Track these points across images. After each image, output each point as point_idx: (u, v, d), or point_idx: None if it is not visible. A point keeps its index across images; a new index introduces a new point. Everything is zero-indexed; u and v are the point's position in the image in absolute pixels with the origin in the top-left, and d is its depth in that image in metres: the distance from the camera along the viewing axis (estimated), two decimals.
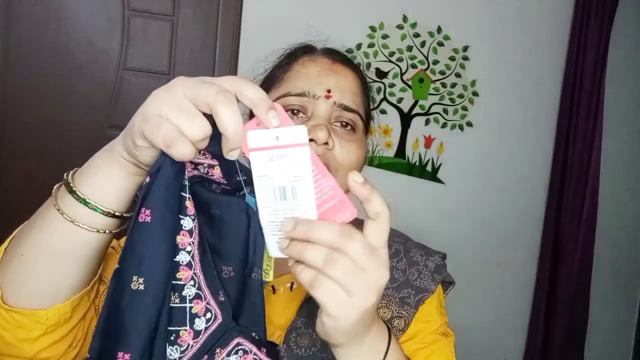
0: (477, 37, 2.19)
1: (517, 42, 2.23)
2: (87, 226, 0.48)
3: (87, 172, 0.49)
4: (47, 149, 1.85)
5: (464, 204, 2.27)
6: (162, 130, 0.40)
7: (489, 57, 2.21)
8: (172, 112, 0.41)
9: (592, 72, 2.21)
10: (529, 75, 2.27)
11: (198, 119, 0.41)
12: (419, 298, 0.70)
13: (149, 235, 0.43)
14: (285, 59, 0.76)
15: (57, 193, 0.49)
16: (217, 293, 0.49)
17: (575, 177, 2.26)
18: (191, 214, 0.47)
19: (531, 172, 2.33)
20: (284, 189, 0.42)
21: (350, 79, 0.73)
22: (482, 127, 2.25)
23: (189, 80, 0.42)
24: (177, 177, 0.45)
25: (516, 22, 2.22)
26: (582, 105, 2.22)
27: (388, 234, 0.43)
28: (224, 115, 0.39)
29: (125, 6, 1.87)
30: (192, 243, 0.47)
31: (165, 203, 0.44)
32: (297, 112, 0.69)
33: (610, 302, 2.46)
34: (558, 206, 2.28)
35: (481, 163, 2.27)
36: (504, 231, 2.32)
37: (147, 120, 0.41)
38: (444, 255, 0.77)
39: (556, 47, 2.27)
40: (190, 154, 0.41)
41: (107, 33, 1.87)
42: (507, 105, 2.26)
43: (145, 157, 0.45)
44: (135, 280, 0.43)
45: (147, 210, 0.43)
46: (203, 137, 0.41)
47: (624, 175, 2.43)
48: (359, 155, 0.70)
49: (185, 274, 0.47)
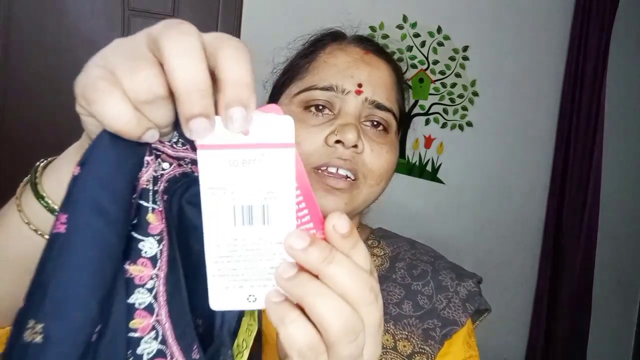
0: (477, 37, 2.18)
1: (517, 42, 2.23)
2: (44, 233, 0.36)
3: (56, 163, 0.38)
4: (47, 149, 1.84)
5: (464, 204, 2.27)
6: (86, 75, 0.27)
7: (489, 57, 2.21)
8: (117, 59, 0.27)
9: (592, 72, 2.21)
10: (529, 75, 2.26)
11: (150, 69, 0.26)
12: (446, 332, 0.61)
13: (61, 254, 0.28)
14: (310, 47, 0.67)
15: (24, 186, 0.39)
16: (190, 348, 0.33)
17: (576, 176, 2.26)
18: (156, 232, 0.32)
19: (531, 172, 2.33)
20: (250, 209, 0.29)
21: (385, 72, 0.64)
22: (482, 127, 2.24)
23: (164, 26, 0.27)
24: (121, 170, 0.29)
25: (516, 22, 2.22)
26: (583, 104, 2.22)
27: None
28: (169, 56, 0.25)
29: (125, 6, 1.87)
30: (155, 276, 0.32)
31: (96, 207, 0.28)
32: (322, 109, 0.60)
33: (611, 302, 2.46)
34: (559, 206, 2.28)
35: (481, 163, 2.27)
36: (504, 231, 2.32)
37: (85, 70, 0.28)
38: (480, 280, 0.67)
39: (556, 47, 2.27)
40: (127, 121, 0.26)
41: (107, 33, 1.86)
42: (507, 105, 2.26)
43: (90, 133, 0.31)
44: (31, 326, 0.27)
45: (63, 216, 0.28)
46: (148, 95, 0.26)
47: (625, 174, 2.43)
48: (390, 160, 0.62)
49: (143, 323, 0.31)
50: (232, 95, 0.26)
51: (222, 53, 0.27)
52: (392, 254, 0.69)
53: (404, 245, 0.71)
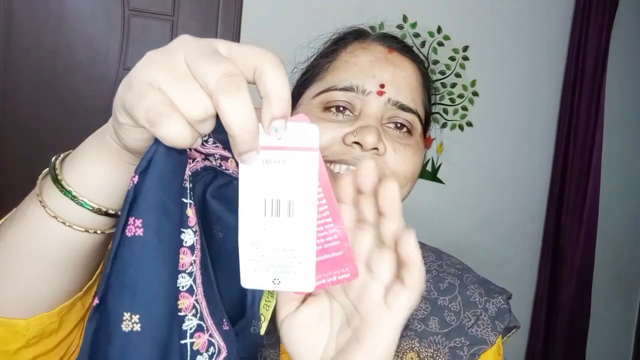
0: (477, 37, 2.18)
1: (517, 42, 2.23)
2: (73, 224, 0.38)
3: (77, 157, 0.39)
4: (46, 149, 1.84)
5: (464, 204, 2.27)
6: (147, 100, 0.29)
7: (489, 57, 2.21)
8: (165, 79, 0.30)
9: (592, 72, 2.21)
10: (529, 75, 2.26)
11: (199, 92, 0.30)
12: (474, 352, 0.57)
13: (144, 254, 0.32)
14: (332, 46, 0.64)
15: (43, 181, 0.40)
16: (221, 321, 0.39)
17: (576, 176, 2.26)
18: (192, 224, 0.37)
19: (531, 172, 2.33)
20: (278, 203, 0.33)
21: (409, 72, 0.61)
22: (482, 127, 2.24)
23: (194, 44, 0.31)
24: (175, 174, 0.34)
25: (516, 22, 2.22)
26: (583, 104, 2.22)
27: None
28: (226, 109, 0.29)
29: (125, 6, 1.87)
30: (193, 262, 0.37)
31: (163, 209, 0.33)
32: (343, 110, 0.58)
33: (611, 302, 2.46)
34: (559, 206, 2.28)
35: (481, 163, 2.27)
36: (504, 231, 2.32)
37: (131, 88, 0.31)
38: (509, 296, 0.65)
39: (556, 47, 2.27)
40: (185, 137, 0.30)
41: (107, 33, 1.86)
42: (507, 105, 2.26)
43: (132, 142, 0.34)
44: (128, 318, 0.32)
45: (138, 221, 0.32)
46: (203, 116, 0.30)
47: (624, 174, 2.43)
48: (415, 163, 0.60)
49: (185, 303, 0.37)
50: (276, 109, 0.30)
51: (264, 69, 0.30)
52: None
53: (429, 256, 0.69)
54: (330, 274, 0.36)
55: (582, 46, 2.20)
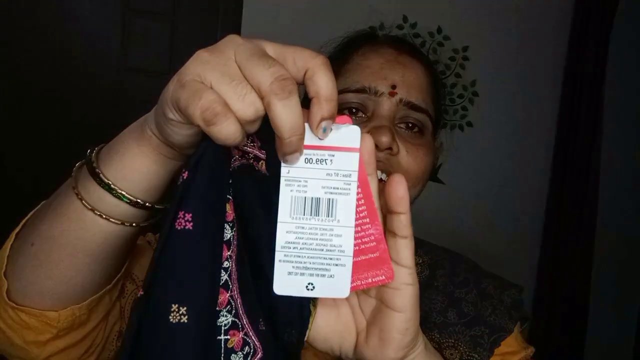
0: (477, 37, 2.18)
1: (517, 42, 2.23)
2: (109, 217, 0.40)
3: (114, 150, 0.40)
4: (47, 149, 1.84)
5: (464, 204, 2.27)
6: (203, 100, 0.30)
7: (489, 57, 2.21)
8: (218, 79, 0.31)
9: (592, 72, 2.21)
10: (529, 75, 2.26)
11: (252, 94, 0.31)
12: (495, 339, 0.59)
13: (192, 247, 0.33)
14: (343, 49, 0.66)
15: (78, 173, 0.41)
16: (257, 321, 0.38)
17: (575, 176, 2.26)
18: (230, 219, 0.37)
19: (531, 172, 2.33)
20: (318, 202, 0.33)
21: (419, 73, 0.63)
22: (482, 127, 2.24)
23: (244, 45, 0.32)
24: (222, 172, 0.35)
25: (516, 22, 2.22)
26: (583, 105, 2.22)
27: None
28: (278, 111, 0.30)
29: (125, 6, 1.87)
30: (229, 258, 0.37)
31: (210, 205, 0.34)
32: (355, 112, 0.59)
33: (610, 303, 2.46)
34: (558, 206, 2.28)
35: (481, 163, 2.27)
36: (504, 231, 2.32)
37: (184, 86, 0.31)
38: (521, 289, 0.67)
39: (556, 47, 2.27)
40: (237, 136, 0.31)
41: (107, 33, 1.86)
42: (507, 105, 2.26)
43: (178, 138, 0.36)
44: (176, 309, 0.33)
45: (188, 215, 0.33)
46: (255, 117, 0.31)
47: (624, 175, 2.43)
48: (427, 162, 0.61)
49: (220, 298, 0.36)
50: (326, 109, 0.31)
51: (316, 70, 0.32)
52: (431, 262, 0.69)
53: (441, 253, 0.72)
54: (365, 276, 0.36)
55: (581, 46, 2.20)
